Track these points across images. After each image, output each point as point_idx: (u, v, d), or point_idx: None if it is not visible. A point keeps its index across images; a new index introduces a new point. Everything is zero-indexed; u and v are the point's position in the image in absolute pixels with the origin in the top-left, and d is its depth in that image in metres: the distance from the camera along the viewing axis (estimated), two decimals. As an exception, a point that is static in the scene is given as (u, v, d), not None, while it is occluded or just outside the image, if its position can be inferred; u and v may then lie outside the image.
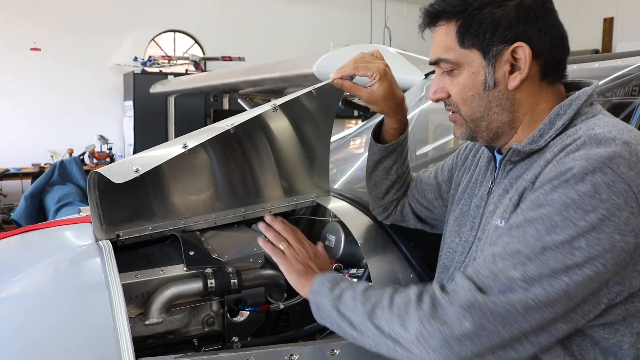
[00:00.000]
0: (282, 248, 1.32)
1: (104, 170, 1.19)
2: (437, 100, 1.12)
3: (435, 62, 1.09)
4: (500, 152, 1.13)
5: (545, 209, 0.89)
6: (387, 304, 1.00)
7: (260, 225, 1.42)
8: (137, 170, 1.14)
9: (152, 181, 1.41)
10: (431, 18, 1.09)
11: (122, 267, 1.26)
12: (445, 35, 1.06)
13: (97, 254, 1.29)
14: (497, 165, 1.12)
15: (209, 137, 1.28)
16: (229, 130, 1.29)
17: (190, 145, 1.23)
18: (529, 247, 0.89)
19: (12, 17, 7.35)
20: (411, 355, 0.95)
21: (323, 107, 1.55)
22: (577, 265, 0.86)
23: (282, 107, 1.40)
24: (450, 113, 1.13)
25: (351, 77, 1.31)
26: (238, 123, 1.30)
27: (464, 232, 1.19)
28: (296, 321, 1.55)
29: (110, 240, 1.35)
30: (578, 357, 0.94)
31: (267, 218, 1.44)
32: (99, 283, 1.20)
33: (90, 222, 1.42)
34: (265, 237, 1.39)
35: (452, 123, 1.14)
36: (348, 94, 1.39)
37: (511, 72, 1.02)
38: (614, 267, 0.86)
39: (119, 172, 1.16)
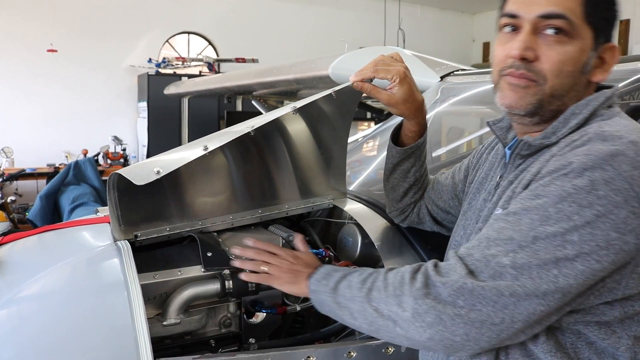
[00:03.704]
0: (265, 270, 1.24)
1: (124, 171, 1.19)
2: (521, 58, 0.97)
3: (546, 16, 0.96)
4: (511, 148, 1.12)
5: (542, 199, 0.89)
6: (383, 286, 1.01)
7: (236, 263, 1.30)
8: (158, 172, 1.14)
9: (171, 182, 1.42)
10: None
11: (141, 268, 1.27)
12: None
13: (115, 254, 1.30)
14: (507, 159, 1.11)
15: (230, 139, 1.28)
16: (249, 132, 1.28)
17: (211, 148, 1.23)
18: (522, 235, 0.88)
19: (29, 19, 7.42)
20: (408, 335, 0.95)
21: (341, 109, 1.55)
22: (567, 258, 0.85)
23: (301, 109, 1.40)
24: (515, 77, 1.00)
25: (370, 80, 1.31)
26: (258, 125, 1.30)
27: (469, 225, 1.18)
28: (312, 323, 1.55)
29: (128, 240, 1.35)
30: (572, 355, 0.93)
31: (236, 251, 1.32)
32: (118, 283, 1.20)
33: (109, 223, 1.43)
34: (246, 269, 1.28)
35: (511, 90, 1.01)
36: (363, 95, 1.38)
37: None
38: (611, 265, 0.85)
39: (140, 173, 1.16)
